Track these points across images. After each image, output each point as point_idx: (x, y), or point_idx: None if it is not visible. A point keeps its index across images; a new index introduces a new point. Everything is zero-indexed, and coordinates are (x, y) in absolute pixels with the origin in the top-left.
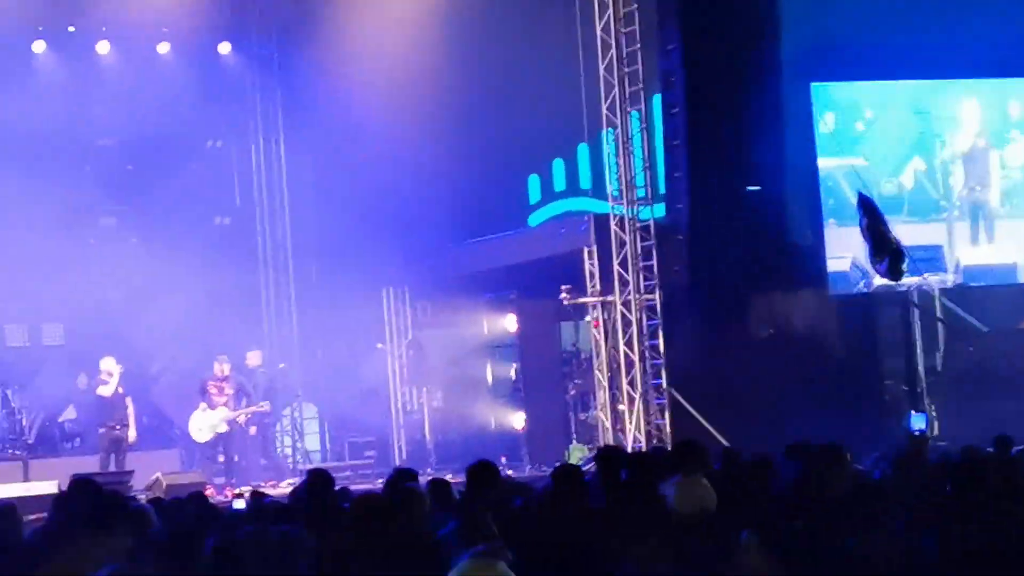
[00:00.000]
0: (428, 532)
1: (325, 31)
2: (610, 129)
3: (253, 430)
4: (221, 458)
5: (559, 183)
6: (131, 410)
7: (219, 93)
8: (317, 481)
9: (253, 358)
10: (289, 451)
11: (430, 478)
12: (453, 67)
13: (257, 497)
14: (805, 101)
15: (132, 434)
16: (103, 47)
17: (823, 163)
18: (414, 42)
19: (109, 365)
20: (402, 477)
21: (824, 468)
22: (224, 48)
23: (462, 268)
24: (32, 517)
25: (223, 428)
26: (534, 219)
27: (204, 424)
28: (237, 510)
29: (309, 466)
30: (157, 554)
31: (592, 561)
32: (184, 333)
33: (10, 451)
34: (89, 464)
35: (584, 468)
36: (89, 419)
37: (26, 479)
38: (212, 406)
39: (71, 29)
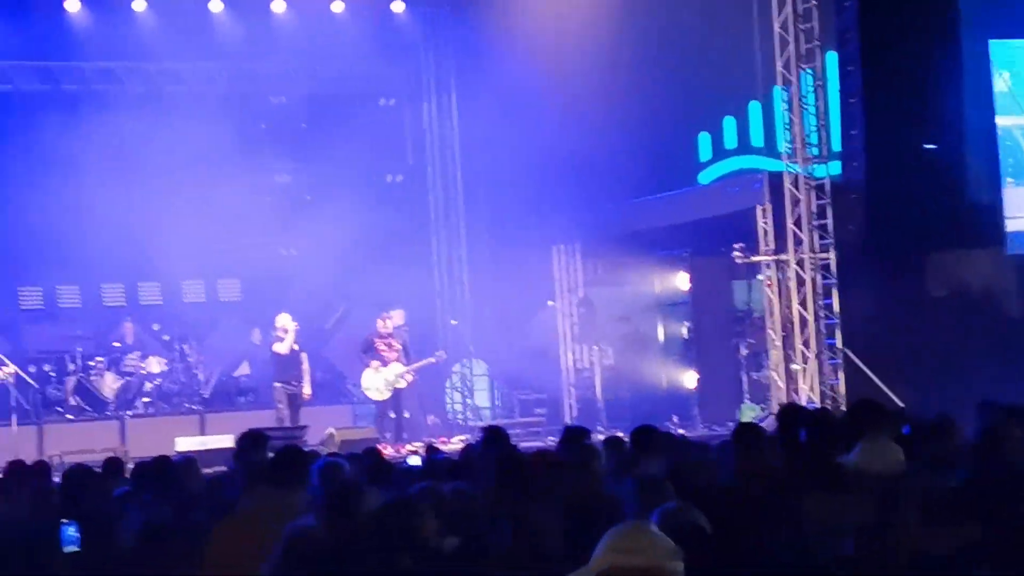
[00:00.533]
0: (605, 489)
1: None
2: (783, 87)
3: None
4: (392, 414)
5: (730, 141)
6: (306, 366)
7: (392, 51)
8: (492, 437)
9: (396, 317)
10: (459, 407)
11: (605, 436)
12: (624, 24)
13: (432, 452)
14: (983, 58)
15: (307, 390)
16: (278, 5)
17: (1000, 121)
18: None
19: (284, 322)
20: (576, 435)
21: (1012, 428)
22: (397, 7)
23: (633, 225)
24: (209, 471)
25: (401, 383)
26: (704, 177)
27: (379, 382)
28: (411, 466)
29: (479, 423)
30: (328, 509)
31: (774, 520)
32: (357, 289)
33: (187, 405)
34: (264, 418)
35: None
36: (264, 374)
37: (202, 433)
38: (384, 363)
39: None
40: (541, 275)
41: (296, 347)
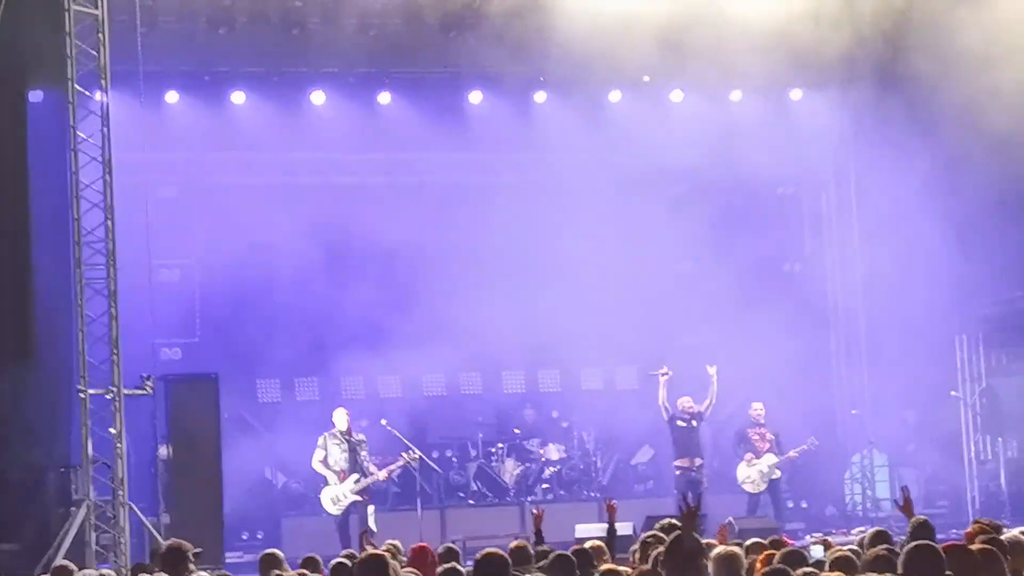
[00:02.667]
0: None
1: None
2: None
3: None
4: (791, 504)
5: None
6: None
7: (791, 138)
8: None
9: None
10: (859, 498)
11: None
12: None
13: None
14: None
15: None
16: (676, 95)
17: None
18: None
19: (688, 404)
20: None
21: None
22: (796, 94)
23: None
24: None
25: (776, 475)
26: None
27: (753, 474)
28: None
29: (879, 514)
30: None
31: None
32: (754, 380)
33: (585, 492)
34: (663, 505)
35: None
36: (665, 459)
37: (601, 520)
38: (757, 454)
39: (646, 79)
40: (944, 365)
41: (695, 424)
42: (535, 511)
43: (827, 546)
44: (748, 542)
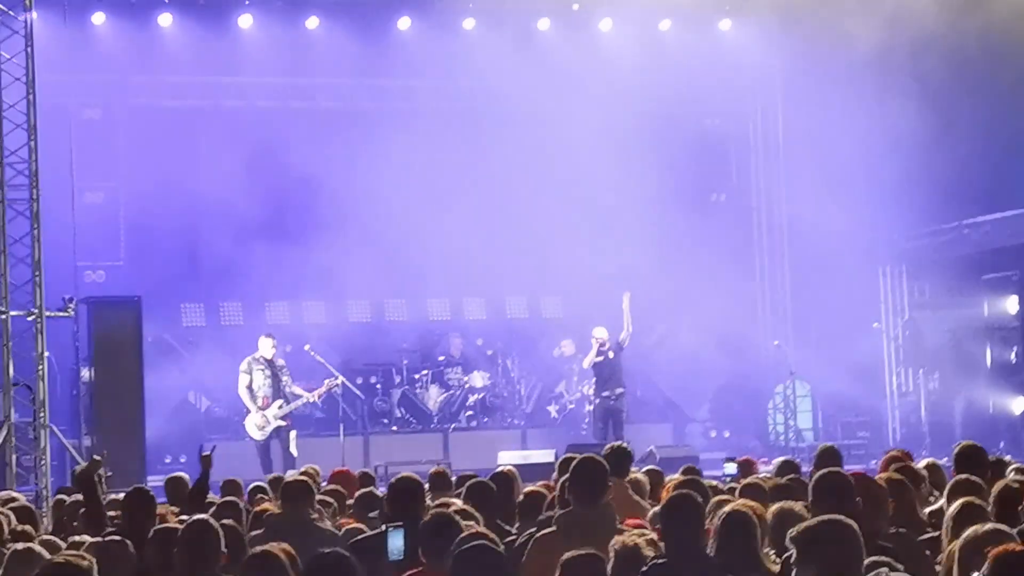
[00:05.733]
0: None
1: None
2: None
3: None
4: (713, 433)
5: None
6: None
7: (718, 68)
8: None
9: (567, 347)
10: (781, 428)
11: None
12: (960, 37)
13: (745, 467)
14: None
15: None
16: (605, 24)
17: None
18: (918, 13)
19: (602, 334)
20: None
21: None
22: (725, 24)
23: (961, 247)
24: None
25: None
26: None
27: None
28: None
29: (802, 444)
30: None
31: None
32: (678, 308)
33: (509, 419)
34: (585, 433)
35: None
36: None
37: (524, 447)
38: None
39: (575, 7)
40: (866, 296)
41: (612, 356)
42: None
43: (745, 468)
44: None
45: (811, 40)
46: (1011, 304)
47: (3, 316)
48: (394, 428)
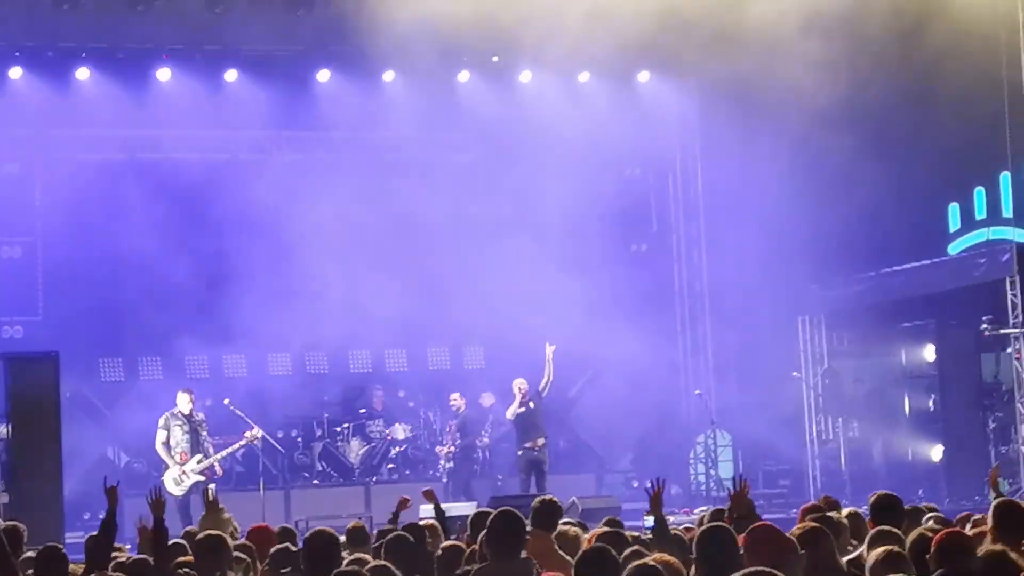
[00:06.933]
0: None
1: (742, 60)
2: None
3: None
4: (636, 483)
5: (980, 211)
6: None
7: (638, 121)
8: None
9: (486, 399)
10: (702, 478)
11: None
12: (873, 94)
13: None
14: None
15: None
16: (525, 76)
17: None
18: (828, 69)
19: (523, 385)
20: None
21: None
22: (643, 76)
23: (879, 296)
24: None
25: None
26: (954, 248)
27: None
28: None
29: (723, 493)
30: None
31: None
32: (601, 358)
33: (431, 472)
34: (509, 486)
35: None
36: (508, 442)
37: (445, 500)
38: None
39: (495, 59)
40: (786, 346)
41: (532, 405)
42: (404, 497)
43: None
44: None
45: (728, 93)
46: (928, 352)
47: None
48: (315, 482)
